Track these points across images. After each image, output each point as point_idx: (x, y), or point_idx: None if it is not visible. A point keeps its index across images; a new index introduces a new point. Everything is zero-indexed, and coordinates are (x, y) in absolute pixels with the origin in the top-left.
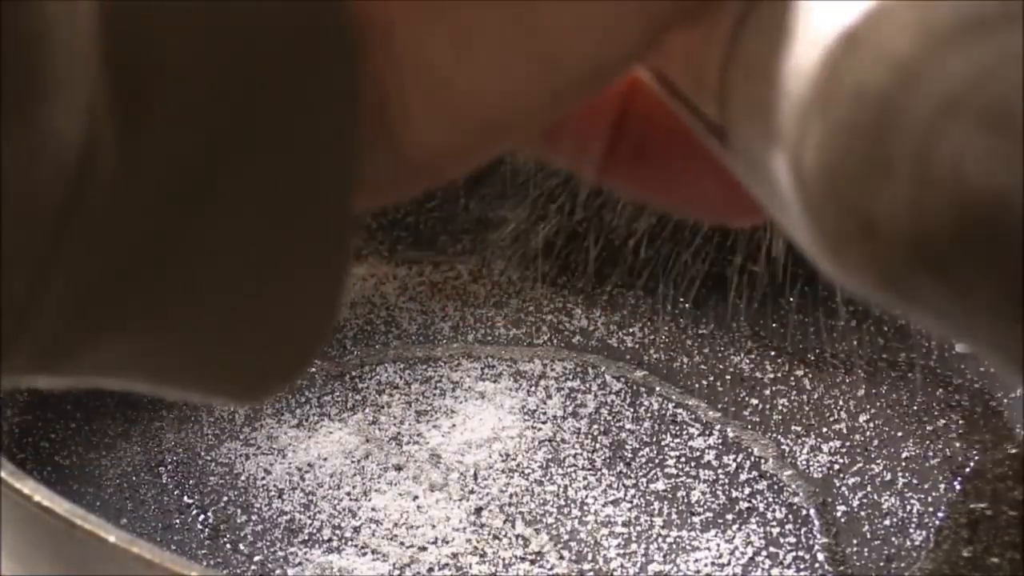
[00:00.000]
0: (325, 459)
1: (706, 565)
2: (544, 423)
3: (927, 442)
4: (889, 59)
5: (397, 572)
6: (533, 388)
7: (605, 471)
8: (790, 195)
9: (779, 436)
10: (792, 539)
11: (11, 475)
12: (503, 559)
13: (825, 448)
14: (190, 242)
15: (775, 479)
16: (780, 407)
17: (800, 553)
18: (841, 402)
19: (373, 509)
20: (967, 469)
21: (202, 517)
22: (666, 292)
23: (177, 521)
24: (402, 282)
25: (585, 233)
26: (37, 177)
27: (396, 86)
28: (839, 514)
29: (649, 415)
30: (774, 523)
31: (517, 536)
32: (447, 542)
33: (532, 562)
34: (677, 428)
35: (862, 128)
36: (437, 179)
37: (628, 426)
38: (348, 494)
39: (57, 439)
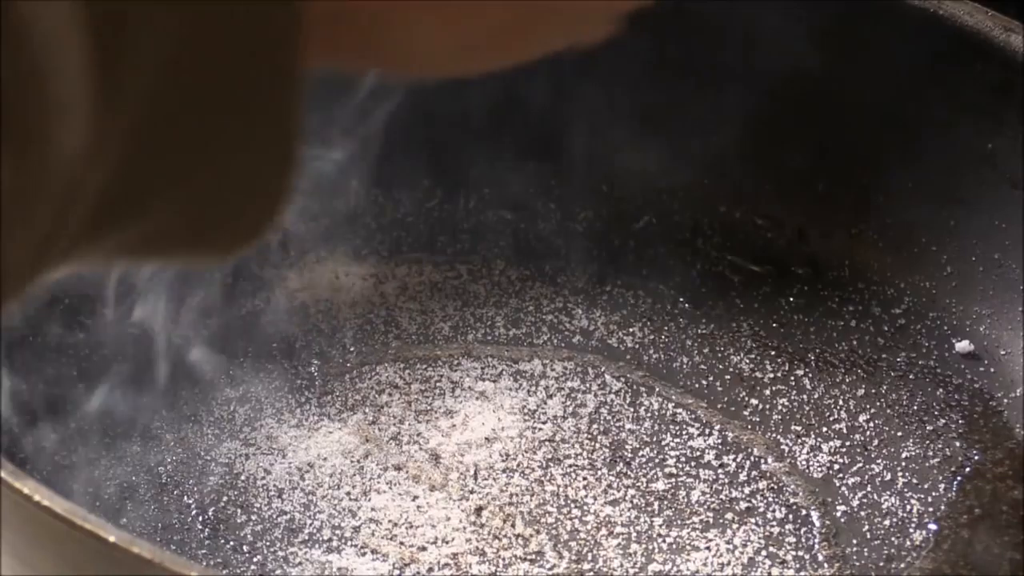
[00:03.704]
0: (325, 459)
1: (706, 565)
2: (544, 423)
3: (927, 442)
4: None
5: (397, 572)
6: (533, 388)
7: (605, 471)
8: None
9: (779, 436)
10: (792, 539)
11: (11, 475)
12: (503, 559)
13: (825, 448)
14: (173, 153)
15: (775, 479)
16: (780, 407)
17: (800, 553)
18: (841, 402)
19: (373, 509)
20: (967, 469)
21: (202, 517)
22: (666, 292)
23: (177, 521)
24: (402, 282)
25: (585, 232)
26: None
27: None
28: (839, 514)
29: (649, 415)
30: (774, 523)
31: (517, 536)
32: (447, 542)
33: (532, 562)
34: (677, 428)
35: None
36: None
37: (628, 426)
38: (348, 494)
39: (57, 439)
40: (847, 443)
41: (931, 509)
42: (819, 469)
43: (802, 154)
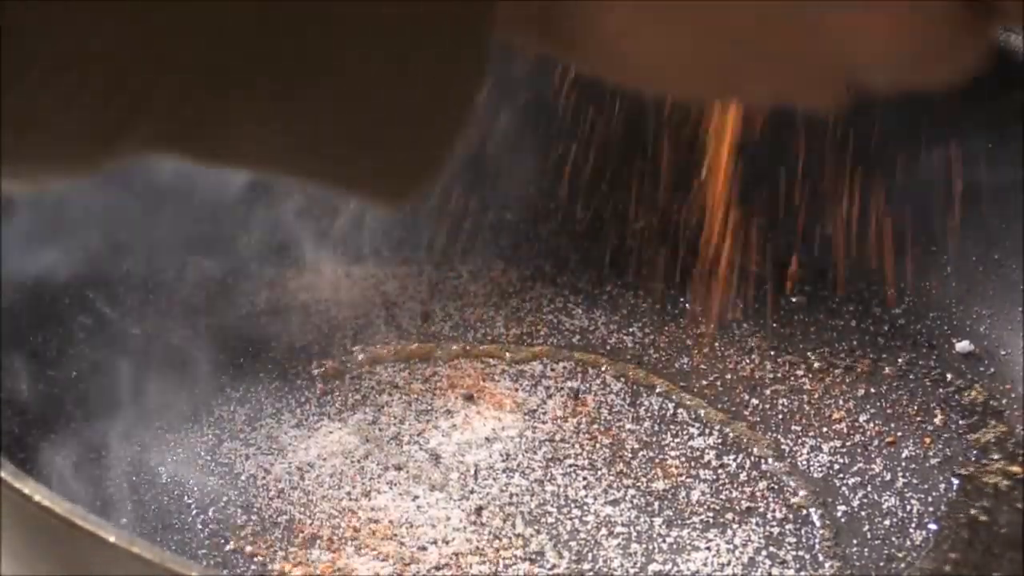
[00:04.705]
0: (325, 459)
1: (706, 565)
2: (544, 423)
3: (927, 442)
4: None
5: (397, 572)
6: (533, 388)
7: (605, 471)
8: None
9: (779, 436)
10: (792, 539)
11: (11, 475)
12: (503, 559)
13: (825, 448)
14: (319, 38)
15: (775, 479)
16: (780, 407)
17: (800, 553)
18: (841, 402)
19: (373, 509)
20: (967, 469)
21: (202, 517)
22: (666, 292)
23: (177, 521)
24: (402, 282)
25: (585, 232)
26: None
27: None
28: (839, 514)
29: (649, 415)
30: (774, 523)
31: (517, 536)
32: (447, 542)
33: (532, 562)
34: (677, 428)
35: None
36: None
37: (628, 426)
38: (348, 494)
39: (57, 439)
40: (847, 443)
41: (931, 509)
42: (819, 469)
43: (802, 154)
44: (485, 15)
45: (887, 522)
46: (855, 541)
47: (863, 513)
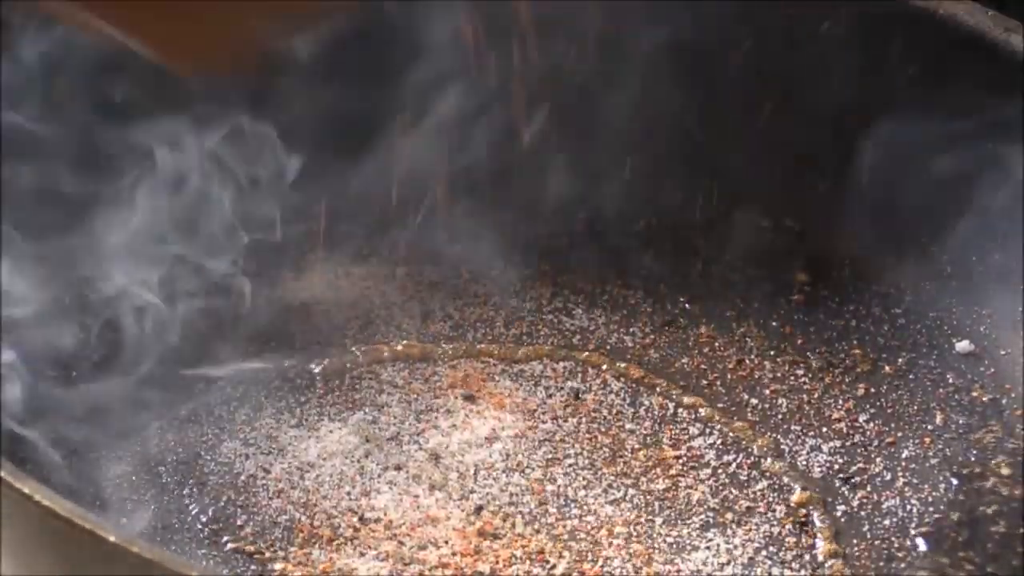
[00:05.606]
0: (325, 459)
1: (706, 565)
2: (544, 423)
3: (927, 442)
4: None
5: (397, 572)
6: (533, 388)
7: (605, 471)
8: None
9: (779, 436)
10: (792, 539)
11: (11, 475)
12: (503, 558)
13: (825, 448)
14: None
15: (775, 479)
16: (780, 407)
17: (800, 553)
18: (841, 402)
19: (373, 509)
20: (967, 469)
21: (202, 517)
22: (666, 292)
23: (177, 521)
24: (402, 282)
25: (585, 232)
26: None
27: None
28: (839, 514)
29: (649, 415)
30: (774, 523)
31: (517, 536)
32: (447, 542)
33: (532, 562)
34: (677, 428)
35: None
36: None
37: (628, 426)
38: (348, 494)
39: (57, 439)
40: (847, 443)
41: (931, 509)
42: (819, 469)
43: (802, 155)
44: None
45: (887, 522)
46: (855, 541)
47: (863, 513)
